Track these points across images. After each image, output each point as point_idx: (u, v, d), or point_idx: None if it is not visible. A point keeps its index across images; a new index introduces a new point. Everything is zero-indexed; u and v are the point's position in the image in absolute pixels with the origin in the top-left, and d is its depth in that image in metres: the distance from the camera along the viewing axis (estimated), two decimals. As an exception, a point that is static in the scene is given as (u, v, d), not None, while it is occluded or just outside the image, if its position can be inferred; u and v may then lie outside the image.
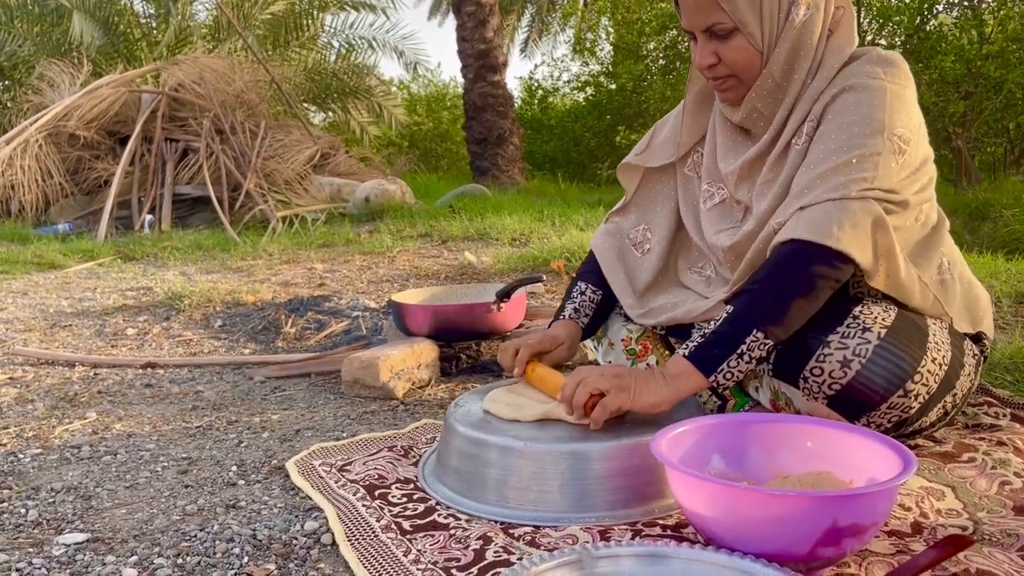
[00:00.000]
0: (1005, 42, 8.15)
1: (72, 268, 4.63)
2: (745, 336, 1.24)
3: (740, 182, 1.46)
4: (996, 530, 1.12)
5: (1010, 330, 2.19)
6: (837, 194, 1.24)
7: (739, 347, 1.24)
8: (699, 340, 1.28)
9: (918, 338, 1.29)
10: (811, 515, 0.96)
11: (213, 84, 7.33)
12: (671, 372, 1.27)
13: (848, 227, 1.22)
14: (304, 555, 1.17)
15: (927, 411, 1.32)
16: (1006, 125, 9.34)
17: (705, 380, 1.26)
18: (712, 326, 1.28)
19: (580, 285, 1.65)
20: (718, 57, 1.39)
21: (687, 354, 1.28)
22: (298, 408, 1.96)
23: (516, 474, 1.26)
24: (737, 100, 1.44)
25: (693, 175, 1.59)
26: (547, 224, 4.88)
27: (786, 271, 1.25)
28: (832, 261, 1.23)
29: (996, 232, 5.41)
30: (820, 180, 1.27)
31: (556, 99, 16.55)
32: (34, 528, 1.31)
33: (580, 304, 1.62)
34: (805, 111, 1.37)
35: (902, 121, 1.30)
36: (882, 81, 1.32)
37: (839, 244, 1.21)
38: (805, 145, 1.35)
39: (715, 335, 1.26)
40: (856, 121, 1.29)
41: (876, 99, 1.30)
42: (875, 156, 1.26)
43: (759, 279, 1.28)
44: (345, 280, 3.76)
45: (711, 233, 1.50)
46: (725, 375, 1.26)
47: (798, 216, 1.26)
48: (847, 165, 1.26)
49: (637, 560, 1.01)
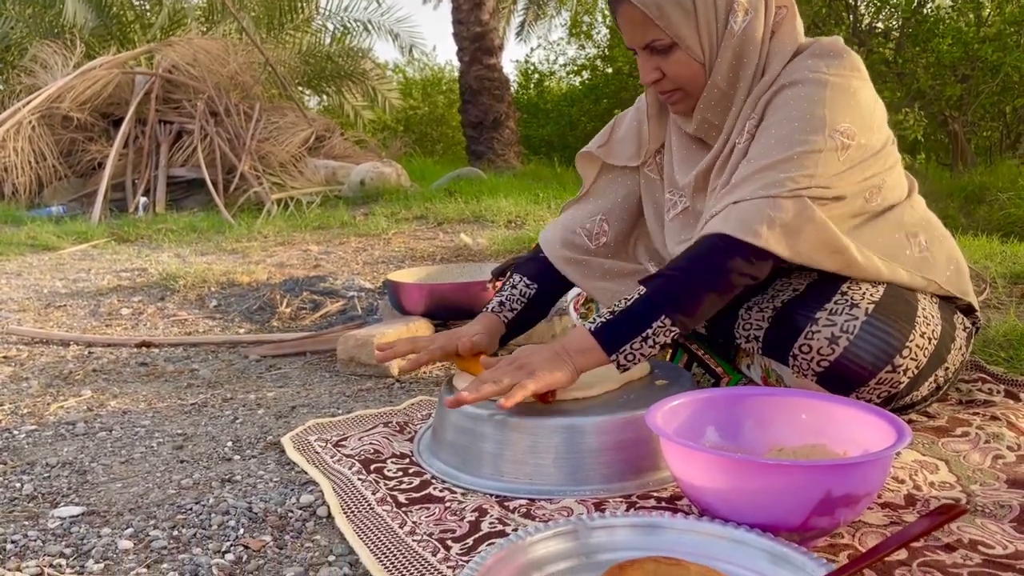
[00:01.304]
0: (1003, 25, 8.14)
1: (66, 250, 4.61)
2: (653, 320, 1.23)
3: (697, 193, 1.45)
4: (989, 502, 1.13)
5: (1004, 309, 2.20)
6: (771, 192, 1.23)
7: (645, 330, 1.23)
8: (607, 316, 1.26)
9: (907, 313, 1.29)
10: (805, 485, 0.96)
11: (207, 66, 7.29)
12: (574, 347, 1.26)
13: (778, 226, 1.21)
14: (300, 527, 1.17)
15: (917, 385, 1.33)
16: (1002, 108, 9.32)
17: (607, 358, 1.25)
18: (623, 304, 1.26)
19: (514, 278, 1.61)
20: (661, 72, 1.38)
21: (592, 329, 1.26)
22: (293, 386, 1.96)
23: (511, 448, 1.26)
24: (688, 111, 1.43)
25: (656, 177, 1.58)
26: (543, 207, 4.87)
27: (706, 263, 1.24)
28: (751, 258, 1.22)
29: (992, 215, 5.42)
30: (757, 176, 1.26)
31: (552, 83, 16.50)
32: (29, 502, 1.31)
33: (508, 298, 1.59)
34: (749, 111, 1.36)
35: (846, 115, 1.28)
36: (823, 75, 1.29)
37: (763, 243, 1.21)
38: (747, 143, 1.34)
39: (624, 314, 1.25)
40: (796, 116, 1.28)
41: (816, 95, 1.28)
42: (815, 154, 1.25)
43: (678, 266, 1.26)
44: (340, 261, 3.75)
45: (672, 244, 1.49)
46: (627, 356, 1.24)
47: (729, 210, 1.25)
48: (786, 161, 1.25)
49: (632, 530, 1.01)
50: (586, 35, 14.95)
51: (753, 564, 0.95)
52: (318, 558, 1.08)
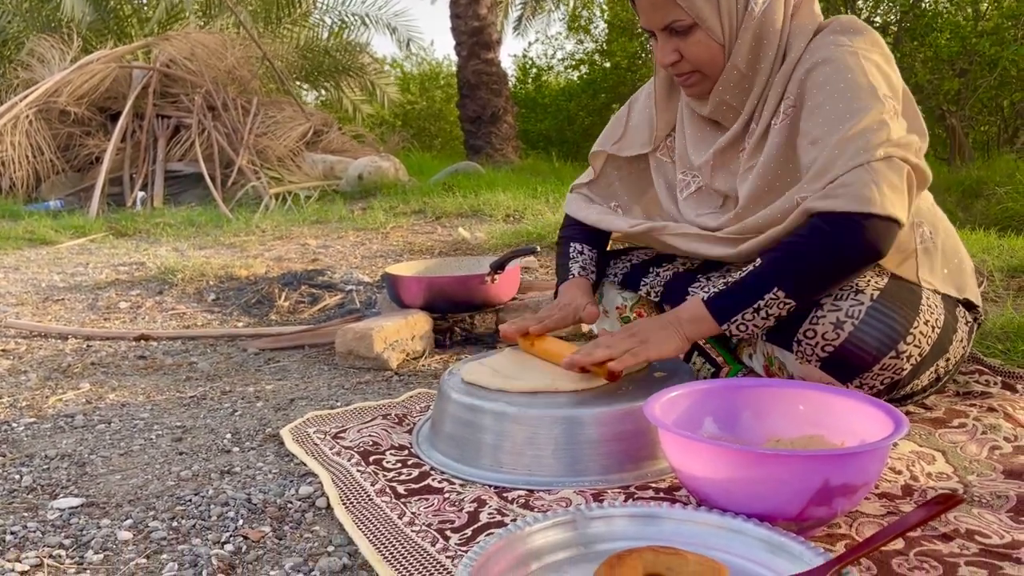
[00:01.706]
0: (1000, 19, 8.13)
1: (64, 244, 4.60)
2: (765, 292, 1.24)
3: (715, 171, 1.46)
4: (986, 492, 1.13)
5: (1001, 302, 2.20)
6: (863, 158, 1.22)
7: (757, 301, 1.24)
8: (721, 287, 1.28)
9: (911, 300, 1.30)
10: (802, 475, 0.96)
11: (205, 60, 7.27)
12: (686, 316, 1.29)
13: (887, 188, 1.20)
14: (299, 518, 1.18)
15: (919, 373, 1.33)
16: (1000, 103, 9.32)
17: (718, 327, 1.27)
18: (739, 274, 1.28)
19: (575, 245, 1.63)
20: (680, 54, 1.38)
21: (705, 299, 1.28)
22: (292, 379, 1.96)
23: (510, 439, 1.27)
24: (703, 94, 1.43)
25: (667, 159, 1.58)
26: (541, 201, 4.86)
27: (827, 240, 1.22)
28: (877, 228, 1.20)
29: (989, 209, 5.42)
30: (839, 150, 1.24)
31: (550, 77, 16.46)
32: (28, 493, 1.31)
33: (584, 263, 1.61)
34: (780, 92, 1.36)
35: (883, 85, 1.29)
36: (850, 47, 1.31)
37: (883, 208, 1.19)
38: (786, 124, 1.34)
39: (737, 285, 1.27)
40: (845, 89, 1.28)
41: (855, 65, 1.29)
42: (880, 116, 1.25)
43: (796, 241, 1.25)
44: (339, 255, 3.75)
45: (692, 216, 1.49)
46: (739, 326, 1.27)
47: (830, 188, 1.23)
48: (859, 131, 1.24)
49: (630, 521, 1.02)
50: (584, 29, 14.91)
51: (751, 554, 0.95)
52: (317, 548, 1.08)
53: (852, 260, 1.23)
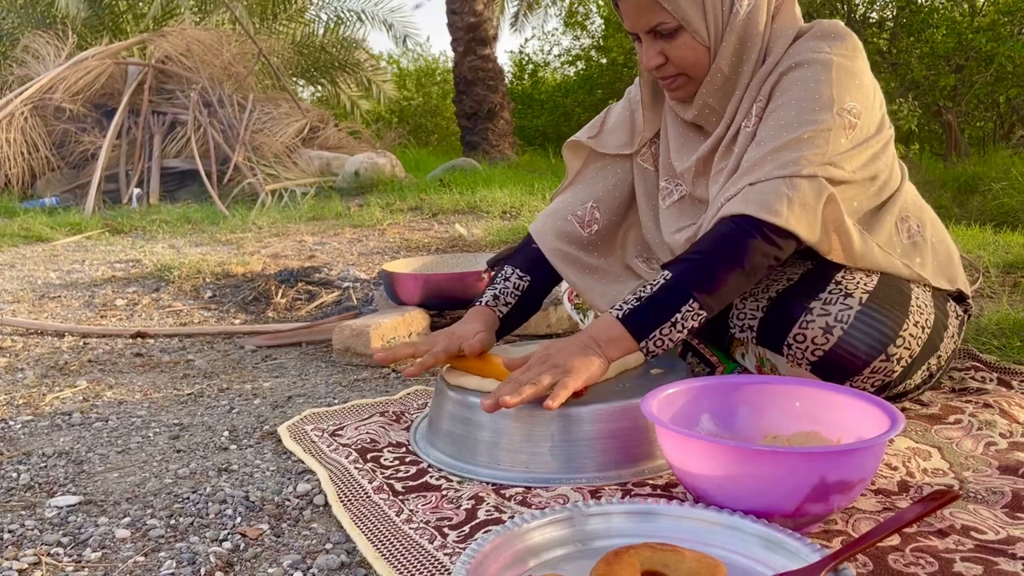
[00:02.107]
0: (996, 15, 8.14)
1: (60, 241, 4.60)
2: (681, 305, 1.21)
3: (697, 178, 1.45)
4: (982, 488, 1.14)
5: (997, 298, 2.21)
6: (787, 171, 1.23)
7: (674, 315, 1.22)
8: (634, 304, 1.24)
9: (900, 302, 1.30)
10: (799, 471, 0.97)
11: (200, 56, 7.26)
12: (602, 337, 1.24)
13: (797, 205, 1.21)
14: (297, 516, 1.18)
15: (910, 374, 1.34)
16: (996, 99, 9.32)
17: (636, 345, 1.23)
18: (647, 290, 1.24)
19: (506, 270, 1.55)
20: (665, 57, 1.37)
21: (620, 316, 1.23)
22: (289, 376, 1.96)
23: (507, 436, 1.27)
24: (687, 97, 1.42)
25: (650, 167, 1.56)
26: (538, 197, 4.86)
27: (729, 244, 1.23)
28: (774, 238, 1.22)
29: (985, 205, 5.43)
30: (771, 156, 1.26)
31: (547, 73, 16.46)
32: (26, 491, 1.31)
33: (501, 291, 1.53)
34: (754, 95, 1.36)
35: (851, 94, 1.29)
36: (828, 55, 1.30)
37: (785, 222, 1.20)
38: (755, 126, 1.34)
39: (651, 300, 1.23)
40: (804, 97, 1.28)
41: (823, 74, 1.29)
42: (825, 132, 1.25)
43: (701, 250, 1.25)
44: (335, 252, 3.75)
45: (669, 232, 1.47)
46: (656, 342, 1.23)
47: (746, 192, 1.25)
48: (797, 142, 1.25)
49: (628, 517, 1.02)
50: (580, 25, 14.91)
51: (748, 550, 0.95)
52: (315, 546, 1.08)
53: (751, 266, 1.23)
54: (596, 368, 1.22)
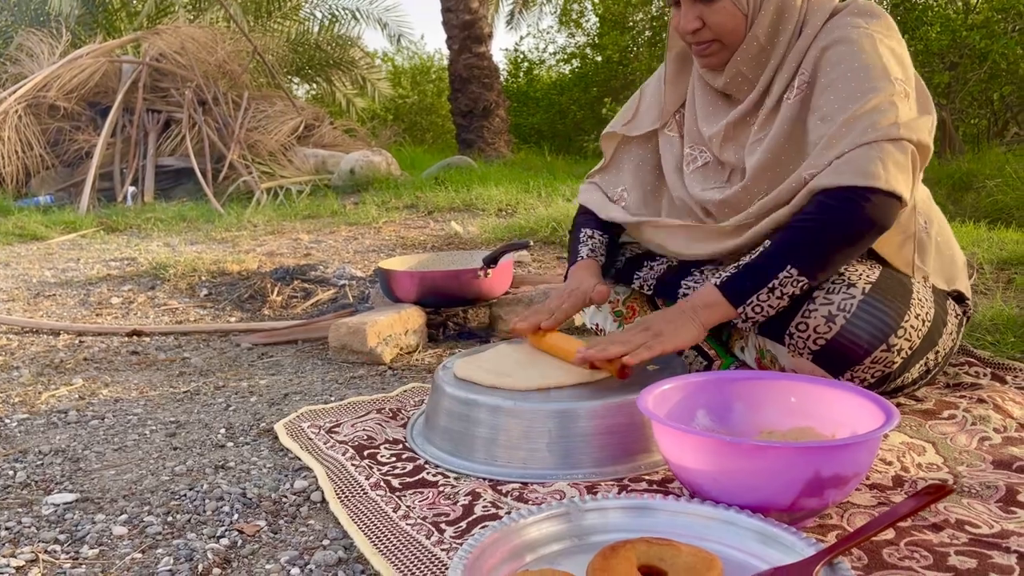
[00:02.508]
0: (990, 12, 8.15)
1: (54, 239, 4.59)
2: (778, 271, 1.25)
3: (725, 143, 1.46)
4: (975, 482, 1.14)
5: (991, 294, 2.22)
6: (870, 137, 1.25)
7: (771, 281, 1.25)
8: (732, 271, 1.29)
9: (902, 294, 1.31)
10: (794, 466, 0.97)
11: (195, 54, 7.24)
12: (700, 302, 1.29)
13: (892, 166, 1.23)
14: (294, 512, 1.18)
15: (909, 367, 1.34)
16: (990, 96, 9.34)
17: (735, 311, 1.27)
18: (748, 258, 1.29)
19: (585, 231, 1.62)
20: (703, 22, 1.38)
21: (718, 283, 1.29)
22: (285, 373, 1.96)
23: (504, 433, 1.27)
24: (720, 65, 1.44)
25: (675, 135, 1.59)
26: (533, 195, 4.87)
27: (833, 214, 1.25)
28: (880, 203, 1.24)
29: (979, 202, 5.44)
30: (847, 128, 1.27)
31: (542, 71, 16.44)
32: (23, 489, 1.31)
33: (594, 245, 1.60)
34: (793, 68, 1.38)
35: (895, 68, 1.32)
36: (867, 30, 1.33)
37: (885, 183, 1.22)
38: (799, 99, 1.36)
39: (748, 268, 1.28)
40: (857, 68, 1.30)
41: (869, 47, 1.31)
42: (889, 98, 1.28)
43: (804, 219, 1.27)
44: (331, 250, 3.75)
45: (698, 191, 1.49)
46: (754, 307, 1.27)
47: (837, 164, 1.26)
48: (868, 110, 1.27)
49: (624, 512, 1.02)
50: (576, 23, 14.89)
51: (743, 544, 0.96)
52: (312, 542, 1.09)
53: (859, 233, 1.25)
54: (689, 333, 1.27)
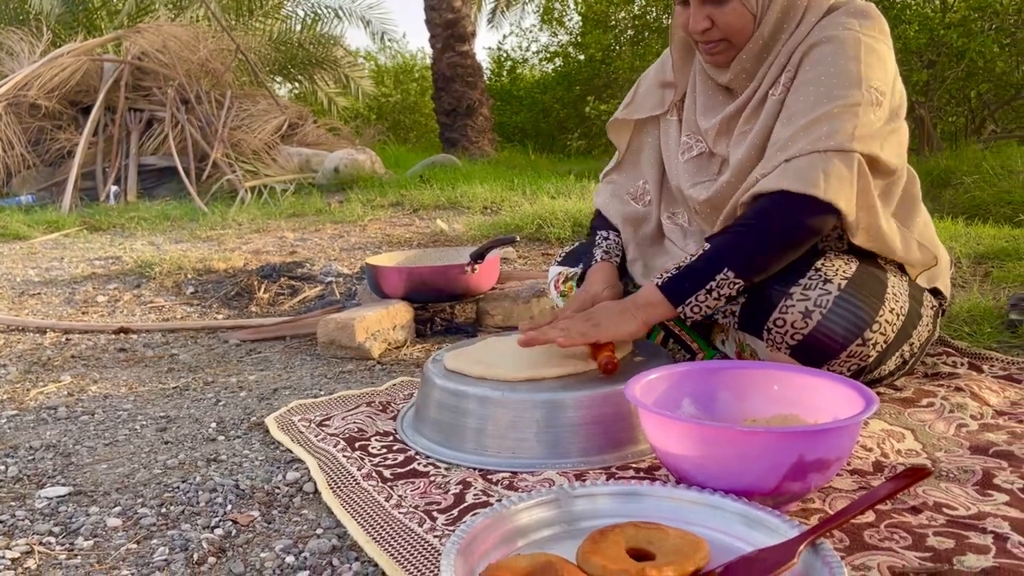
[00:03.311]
0: (967, 11, 8.24)
1: (37, 239, 4.56)
2: (716, 273, 1.30)
3: (719, 137, 1.49)
4: (953, 467, 1.18)
5: (968, 287, 2.26)
6: (821, 146, 1.28)
7: (709, 283, 1.30)
8: (673, 272, 1.34)
9: (877, 289, 1.34)
10: (778, 450, 1.00)
11: (177, 53, 7.21)
12: (642, 301, 1.34)
13: (834, 178, 1.26)
14: (287, 503, 1.20)
15: (885, 360, 1.37)
16: (967, 94, 9.45)
17: (674, 310, 1.32)
18: (688, 260, 1.33)
19: (602, 232, 1.66)
20: (712, 22, 1.40)
21: (659, 284, 1.33)
22: (274, 369, 1.98)
23: (494, 423, 1.29)
24: (726, 63, 1.46)
25: (675, 119, 1.61)
26: (518, 193, 4.89)
27: (770, 218, 1.30)
28: (816, 212, 1.27)
29: (957, 199, 5.51)
30: (803, 132, 1.30)
31: (525, 70, 16.47)
32: (15, 483, 1.32)
33: (608, 247, 1.63)
34: (783, 63, 1.40)
35: (876, 74, 1.33)
36: (856, 32, 1.35)
37: (825, 194, 1.25)
38: (782, 95, 1.38)
39: (688, 269, 1.32)
40: (833, 73, 1.32)
41: (850, 51, 1.33)
42: (854, 107, 1.30)
43: (741, 223, 1.32)
44: (317, 248, 3.75)
45: (687, 185, 1.53)
46: (693, 308, 1.32)
47: (783, 168, 1.29)
48: (828, 116, 1.29)
49: (613, 498, 1.04)
50: (558, 22, 14.91)
51: (729, 528, 0.98)
52: (306, 531, 1.10)
53: (795, 239, 1.30)
54: (628, 327, 1.33)
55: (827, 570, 0.84)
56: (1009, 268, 2.39)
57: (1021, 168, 5.68)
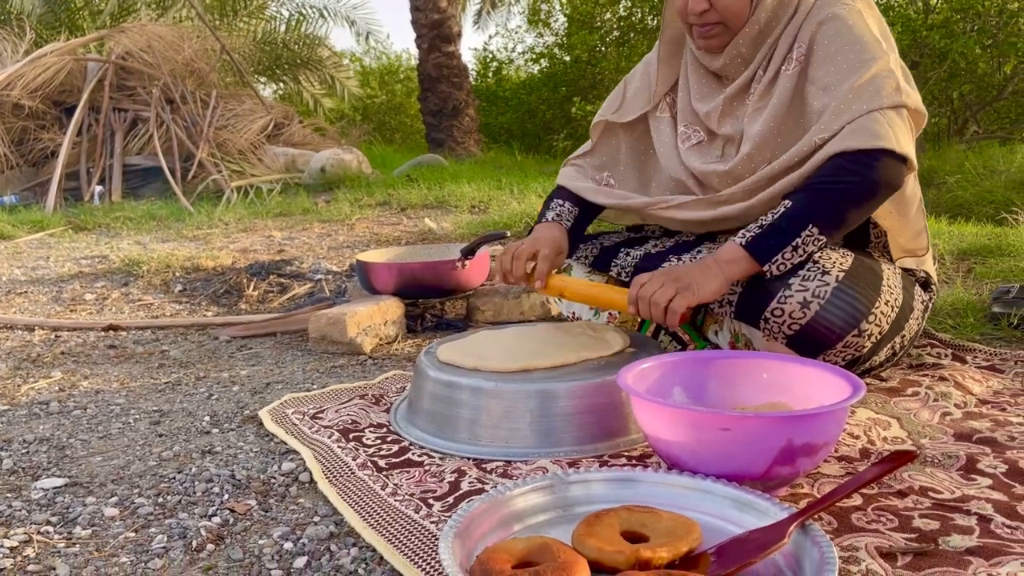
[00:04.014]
0: (949, 12, 8.33)
1: (22, 238, 4.53)
2: (801, 230, 1.32)
3: (723, 118, 1.51)
4: (938, 453, 1.20)
5: (951, 283, 2.30)
6: (876, 104, 1.33)
7: (794, 240, 1.32)
8: (756, 231, 1.35)
9: (873, 281, 1.37)
10: (767, 435, 1.02)
11: (162, 52, 7.17)
12: (725, 258, 1.35)
13: (900, 131, 1.32)
14: (283, 492, 1.21)
15: (878, 350, 1.40)
16: (950, 95, 9.55)
17: (759, 267, 1.34)
18: (768, 218, 1.35)
19: (556, 201, 1.67)
20: (710, 3, 1.42)
21: (743, 243, 1.35)
22: (266, 364, 1.98)
23: (487, 413, 1.31)
24: (720, 48, 1.48)
25: (666, 115, 1.63)
26: (506, 192, 4.90)
27: (849, 174, 1.32)
28: (890, 165, 1.32)
29: (940, 198, 5.57)
30: (853, 95, 1.34)
31: (511, 71, 16.48)
32: (10, 475, 1.32)
33: (560, 212, 1.64)
34: (789, 42, 1.43)
35: (883, 41, 1.40)
36: (854, 6, 1.41)
37: (893, 144, 1.30)
38: (797, 71, 1.42)
39: (772, 227, 1.34)
40: (854, 41, 1.38)
41: (859, 22, 1.39)
42: (888, 66, 1.36)
43: (819, 181, 1.34)
44: (305, 247, 3.75)
45: (698, 164, 1.53)
46: (779, 265, 1.34)
47: (849, 129, 1.33)
48: (869, 80, 1.34)
49: (607, 484, 1.06)
50: (544, 23, 14.93)
51: (721, 511, 1.00)
52: (303, 519, 1.11)
53: (872, 192, 1.33)
54: (716, 285, 1.33)
55: (817, 550, 0.86)
56: (991, 264, 2.43)
57: (1003, 168, 5.76)
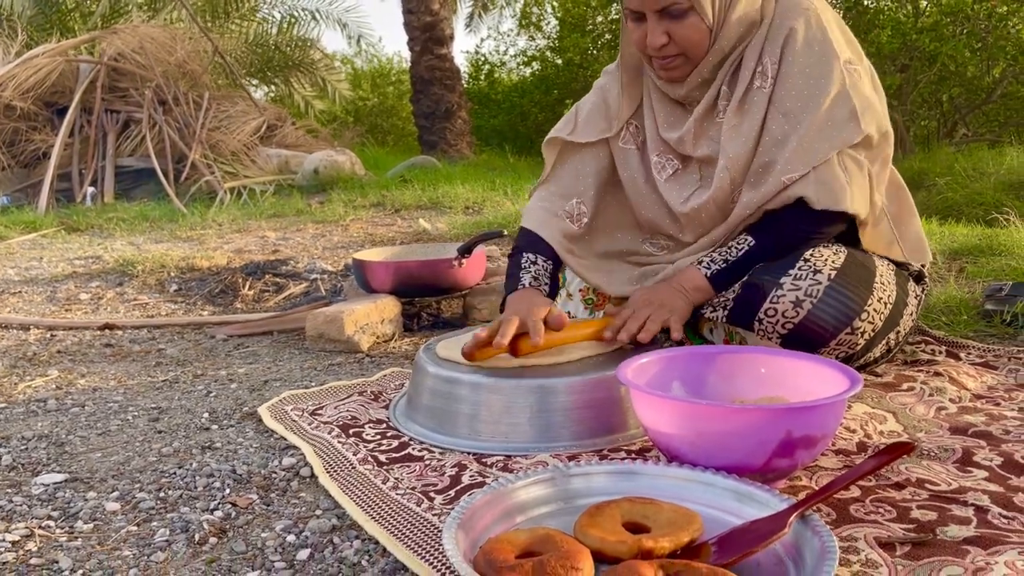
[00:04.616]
0: (939, 15, 8.39)
1: (14, 239, 4.52)
2: (751, 267, 1.41)
3: (697, 140, 1.49)
4: (934, 446, 1.21)
5: (944, 281, 2.32)
6: (837, 144, 1.36)
7: (743, 275, 1.41)
8: (721, 265, 1.42)
9: (866, 279, 1.38)
10: (766, 427, 1.03)
11: (154, 54, 7.16)
12: (690, 285, 1.43)
13: (856, 190, 1.36)
14: (285, 486, 1.21)
15: (872, 347, 1.41)
16: (940, 98, 9.62)
17: (714, 295, 1.44)
18: (733, 254, 1.42)
19: (528, 256, 1.55)
20: (669, 37, 1.41)
21: (709, 275, 1.42)
22: (264, 362, 1.98)
23: (487, 408, 1.31)
24: (682, 78, 1.47)
25: (631, 147, 1.58)
26: (499, 193, 4.91)
27: (809, 225, 1.40)
28: (841, 218, 1.39)
29: (930, 200, 5.60)
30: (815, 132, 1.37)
31: (503, 74, 16.50)
32: (9, 471, 1.32)
33: (537, 273, 1.52)
34: (756, 57, 1.42)
35: (844, 48, 1.41)
36: (813, 10, 1.42)
37: (852, 208, 1.36)
38: (771, 85, 1.41)
39: (735, 264, 1.42)
40: (816, 63, 1.39)
41: (820, 33, 1.40)
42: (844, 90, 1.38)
43: (783, 224, 1.41)
44: (299, 247, 3.75)
45: (678, 203, 1.50)
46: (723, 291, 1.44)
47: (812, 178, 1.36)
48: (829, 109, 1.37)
49: (608, 477, 1.07)
50: (536, 26, 14.96)
51: (721, 503, 1.01)
52: (305, 512, 1.12)
53: (819, 240, 1.41)
54: (684, 308, 1.43)
55: (817, 539, 0.87)
56: (983, 263, 2.45)
57: (992, 170, 5.80)
